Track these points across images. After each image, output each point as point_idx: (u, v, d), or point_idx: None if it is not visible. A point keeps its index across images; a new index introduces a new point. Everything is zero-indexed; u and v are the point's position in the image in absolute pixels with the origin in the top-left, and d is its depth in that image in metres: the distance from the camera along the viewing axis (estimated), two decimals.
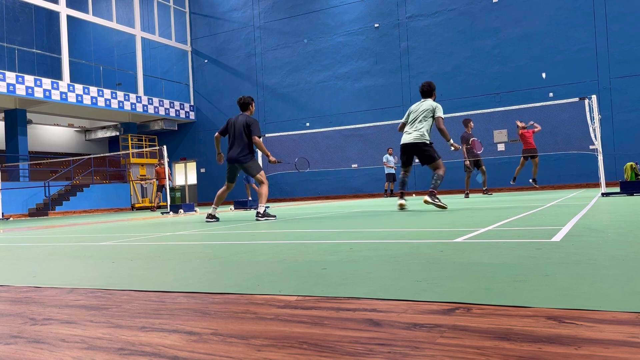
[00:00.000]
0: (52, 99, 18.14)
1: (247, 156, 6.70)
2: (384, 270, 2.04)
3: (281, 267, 2.27)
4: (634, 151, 15.18)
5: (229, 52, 22.67)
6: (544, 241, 2.65)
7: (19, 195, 18.21)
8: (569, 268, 1.85)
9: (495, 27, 17.49)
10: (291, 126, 19.81)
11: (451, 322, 1.24)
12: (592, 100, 8.87)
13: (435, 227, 3.96)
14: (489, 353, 1.00)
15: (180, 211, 12.86)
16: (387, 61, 19.24)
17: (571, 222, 3.69)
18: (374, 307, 1.43)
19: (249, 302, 1.59)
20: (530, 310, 1.29)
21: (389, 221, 4.93)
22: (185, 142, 24.01)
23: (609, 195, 8.13)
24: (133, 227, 6.63)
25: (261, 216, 6.57)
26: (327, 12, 20.47)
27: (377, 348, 1.07)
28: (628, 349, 0.98)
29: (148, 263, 2.72)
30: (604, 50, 16.02)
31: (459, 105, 17.34)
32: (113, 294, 1.86)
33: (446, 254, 2.37)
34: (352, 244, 3.07)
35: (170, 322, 1.39)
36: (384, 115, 18.51)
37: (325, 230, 4.31)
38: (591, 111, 8.84)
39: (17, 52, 20.53)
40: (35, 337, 1.32)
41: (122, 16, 23.42)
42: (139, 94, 21.66)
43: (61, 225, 8.93)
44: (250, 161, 6.74)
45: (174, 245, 3.64)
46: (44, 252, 3.68)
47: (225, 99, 22.76)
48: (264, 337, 1.20)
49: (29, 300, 1.83)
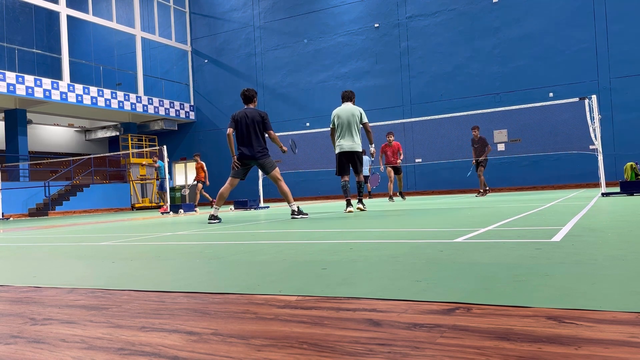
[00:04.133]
0: (52, 99, 18.14)
1: (265, 153, 6.43)
2: (384, 270, 2.04)
3: (281, 267, 2.27)
4: (634, 151, 15.18)
5: (229, 52, 22.67)
6: (544, 241, 2.65)
7: (19, 195, 18.21)
8: (569, 268, 1.85)
9: (495, 27, 17.49)
10: (291, 126, 19.80)
11: (451, 322, 1.24)
12: (592, 100, 8.87)
13: (435, 227, 3.96)
14: (489, 353, 1.00)
15: (181, 211, 12.87)
16: (387, 61, 19.24)
17: (571, 222, 3.69)
18: (374, 307, 1.43)
19: (249, 302, 1.59)
20: (530, 310, 1.29)
21: (389, 221, 4.93)
22: (185, 142, 24.01)
23: (609, 195, 8.13)
24: (133, 227, 6.63)
25: (297, 214, 6.41)
26: (327, 12, 20.47)
27: (377, 348, 1.07)
28: (628, 349, 0.98)
29: (148, 263, 2.72)
30: (604, 50, 16.02)
31: (459, 105, 17.34)
32: (113, 294, 1.86)
33: (446, 254, 2.37)
34: (352, 244, 3.06)
35: (170, 322, 1.39)
36: (384, 115, 18.51)
37: (325, 230, 4.31)
38: (591, 111, 8.84)
39: (17, 52, 20.53)
40: (35, 337, 1.31)
41: (122, 16, 23.42)
42: (139, 94, 21.66)
43: (61, 225, 8.93)
44: (268, 158, 6.48)
45: (174, 245, 3.64)
46: (44, 252, 3.68)
47: (225, 99, 22.76)
48: (264, 337, 1.20)
49: (29, 300, 1.83)
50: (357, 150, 7.15)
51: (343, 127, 7.18)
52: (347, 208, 7.12)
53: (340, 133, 7.21)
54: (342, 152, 7.21)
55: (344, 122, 7.18)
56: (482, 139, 12.26)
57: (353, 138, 7.13)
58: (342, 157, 7.22)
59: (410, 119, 15.38)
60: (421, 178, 18.52)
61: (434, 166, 17.71)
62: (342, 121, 7.20)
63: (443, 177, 17.97)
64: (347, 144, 7.13)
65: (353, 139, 7.14)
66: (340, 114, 7.23)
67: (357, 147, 7.15)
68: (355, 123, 7.15)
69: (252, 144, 6.39)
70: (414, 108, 18.60)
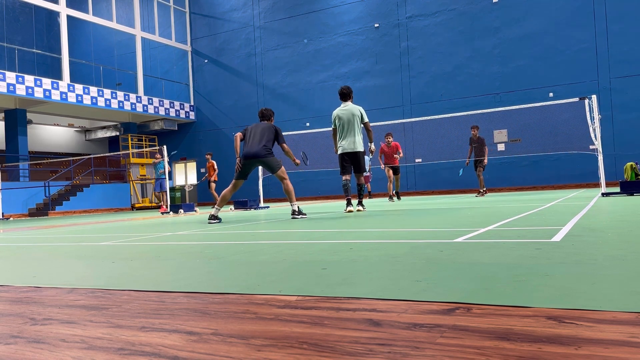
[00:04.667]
0: (52, 99, 18.14)
1: (270, 152, 6.44)
2: (384, 270, 2.04)
3: (281, 267, 2.27)
4: (634, 151, 15.18)
5: (229, 52, 22.67)
6: (544, 241, 2.65)
7: (19, 195, 18.21)
8: (569, 268, 1.85)
9: (495, 27, 17.49)
10: (291, 126, 19.79)
11: (451, 322, 1.24)
12: (592, 100, 8.87)
13: (435, 227, 3.96)
14: (489, 353, 1.00)
15: (180, 211, 12.87)
16: (387, 61, 19.24)
17: (571, 222, 3.69)
18: (374, 307, 1.43)
19: (249, 302, 1.59)
20: (530, 310, 1.29)
21: (389, 221, 4.93)
22: (185, 142, 24.01)
23: (609, 195, 8.13)
24: (133, 227, 6.63)
25: (297, 214, 6.43)
26: (327, 12, 20.47)
27: (377, 348, 1.07)
28: (628, 349, 0.98)
29: (148, 263, 2.72)
30: (604, 50, 16.02)
31: (459, 105, 17.35)
32: (113, 294, 1.86)
33: (446, 254, 2.37)
34: (352, 244, 3.06)
35: (170, 322, 1.39)
36: (384, 115, 18.52)
37: (325, 230, 4.31)
38: (591, 111, 8.84)
39: (17, 52, 20.53)
40: (35, 337, 1.31)
41: (122, 16, 23.42)
42: (139, 94, 21.66)
43: (61, 225, 8.93)
44: (273, 156, 6.49)
45: (174, 245, 3.64)
46: (44, 252, 3.68)
47: (225, 99, 22.76)
48: (264, 337, 1.20)
49: (29, 300, 1.83)
50: (358, 150, 7.19)
51: (344, 128, 7.23)
52: (347, 207, 7.15)
53: (342, 134, 7.27)
54: (344, 153, 7.27)
55: (345, 122, 7.23)
56: (481, 139, 12.26)
57: (355, 138, 7.19)
58: (345, 157, 7.28)
59: (410, 119, 15.39)
60: (421, 178, 18.52)
61: (434, 166, 17.72)
62: (343, 122, 7.25)
63: (443, 177, 17.97)
64: (349, 144, 7.18)
65: (355, 139, 7.19)
66: (340, 114, 7.28)
67: (359, 146, 7.20)
68: (356, 123, 7.21)
69: (259, 144, 6.41)
70: (414, 108, 18.61)
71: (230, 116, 22.62)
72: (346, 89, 7.38)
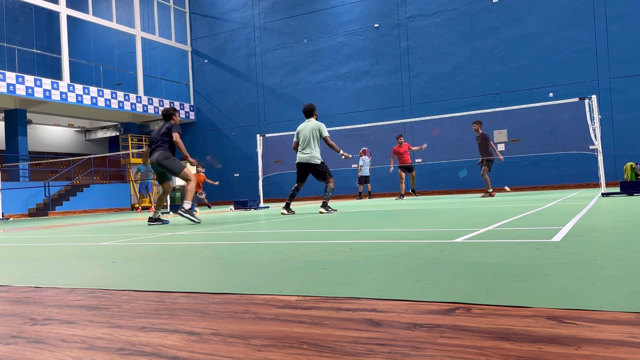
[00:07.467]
0: (52, 99, 18.13)
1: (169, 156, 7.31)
2: (384, 270, 2.04)
3: (281, 267, 2.27)
4: (634, 151, 15.18)
5: (229, 52, 22.66)
6: (544, 241, 2.65)
7: (19, 195, 18.21)
8: (569, 268, 1.85)
9: (495, 27, 17.48)
10: (291, 126, 19.76)
11: (451, 322, 1.24)
12: (592, 100, 8.88)
13: (435, 227, 3.96)
14: (489, 353, 1.00)
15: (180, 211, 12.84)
16: (387, 61, 19.24)
17: (571, 222, 3.69)
18: (374, 307, 1.43)
19: (249, 302, 1.59)
20: (530, 310, 1.29)
21: (389, 221, 4.93)
22: (185, 142, 23.96)
23: (609, 195, 8.12)
24: (133, 227, 6.63)
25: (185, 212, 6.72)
26: (327, 12, 20.46)
27: (377, 348, 1.07)
28: (628, 349, 0.98)
29: (148, 263, 2.72)
30: (604, 50, 16.01)
31: (459, 105, 17.35)
32: (113, 294, 1.86)
33: (446, 254, 2.37)
34: (352, 244, 3.06)
35: (170, 322, 1.39)
36: (384, 115, 18.51)
37: (325, 230, 4.31)
38: (591, 111, 8.84)
39: (17, 52, 20.52)
40: (35, 337, 1.31)
41: (122, 16, 23.41)
42: (139, 94, 21.66)
43: (61, 225, 8.93)
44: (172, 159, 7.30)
45: (174, 245, 3.64)
46: (44, 252, 3.68)
47: (225, 99, 22.75)
48: (264, 337, 1.20)
49: (29, 300, 1.83)
50: (313, 163, 7.78)
51: (304, 141, 7.89)
52: (283, 210, 7.80)
53: (302, 146, 7.93)
54: (298, 163, 7.92)
55: (305, 136, 7.90)
56: (483, 135, 11.51)
57: (311, 151, 7.80)
58: (298, 167, 7.93)
59: (410, 119, 15.38)
60: (421, 178, 18.50)
61: (434, 166, 17.72)
62: (303, 136, 7.93)
63: (443, 177, 17.97)
64: (304, 156, 7.85)
65: (311, 152, 7.80)
66: (301, 130, 7.97)
67: (315, 159, 7.79)
68: (315, 137, 7.85)
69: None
70: (414, 108, 18.60)
71: (230, 116, 22.62)
72: (308, 106, 8.06)
